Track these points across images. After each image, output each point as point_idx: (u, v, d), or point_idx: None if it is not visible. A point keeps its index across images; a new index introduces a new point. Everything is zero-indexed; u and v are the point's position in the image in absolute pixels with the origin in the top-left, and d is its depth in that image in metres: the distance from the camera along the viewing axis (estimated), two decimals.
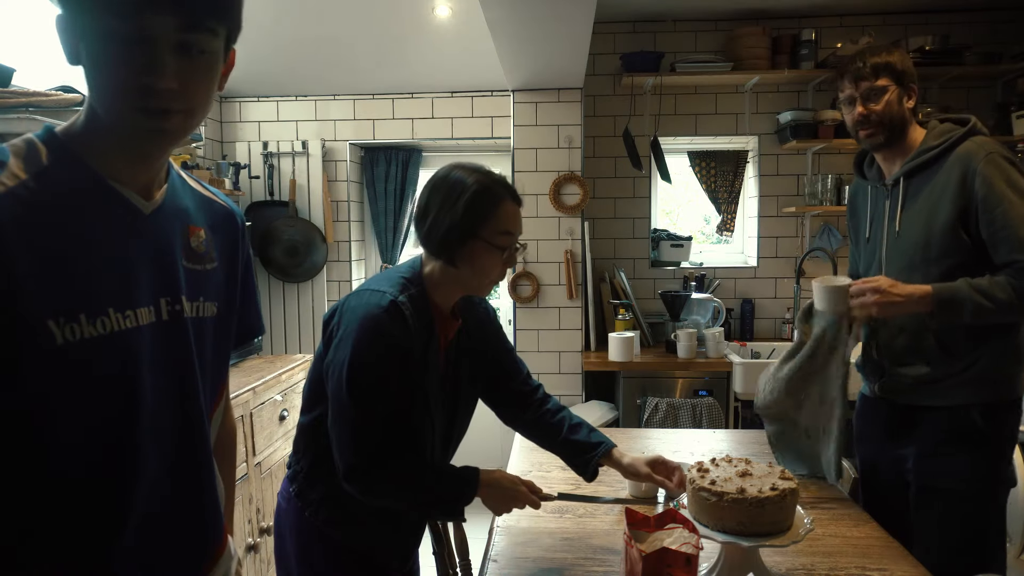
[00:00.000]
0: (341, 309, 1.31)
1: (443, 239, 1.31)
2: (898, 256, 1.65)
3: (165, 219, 0.84)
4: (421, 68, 3.29)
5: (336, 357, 1.25)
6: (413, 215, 1.78)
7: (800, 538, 1.17)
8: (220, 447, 1.03)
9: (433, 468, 1.34)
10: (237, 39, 0.81)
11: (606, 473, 1.79)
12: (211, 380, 0.93)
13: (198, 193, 0.94)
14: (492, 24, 2.27)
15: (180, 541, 0.87)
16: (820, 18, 3.45)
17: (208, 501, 0.92)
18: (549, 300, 3.32)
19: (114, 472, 0.79)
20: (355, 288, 1.53)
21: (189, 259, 0.87)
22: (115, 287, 0.77)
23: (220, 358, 0.97)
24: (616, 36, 3.52)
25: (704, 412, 2.91)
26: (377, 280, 1.35)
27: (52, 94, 1.97)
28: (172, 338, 0.84)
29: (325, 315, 1.35)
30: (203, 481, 0.91)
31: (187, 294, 0.86)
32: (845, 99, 1.67)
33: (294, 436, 1.41)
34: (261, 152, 3.44)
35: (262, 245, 3.38)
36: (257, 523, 2.51)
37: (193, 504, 0.89)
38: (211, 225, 0.93)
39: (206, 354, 0.90)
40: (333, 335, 1.29)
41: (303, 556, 1.34)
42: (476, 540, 1.79)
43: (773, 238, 3.59)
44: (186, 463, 0.87)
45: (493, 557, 1.35)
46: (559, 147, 3.27)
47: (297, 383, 2.93)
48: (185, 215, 0.88)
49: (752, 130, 3.54)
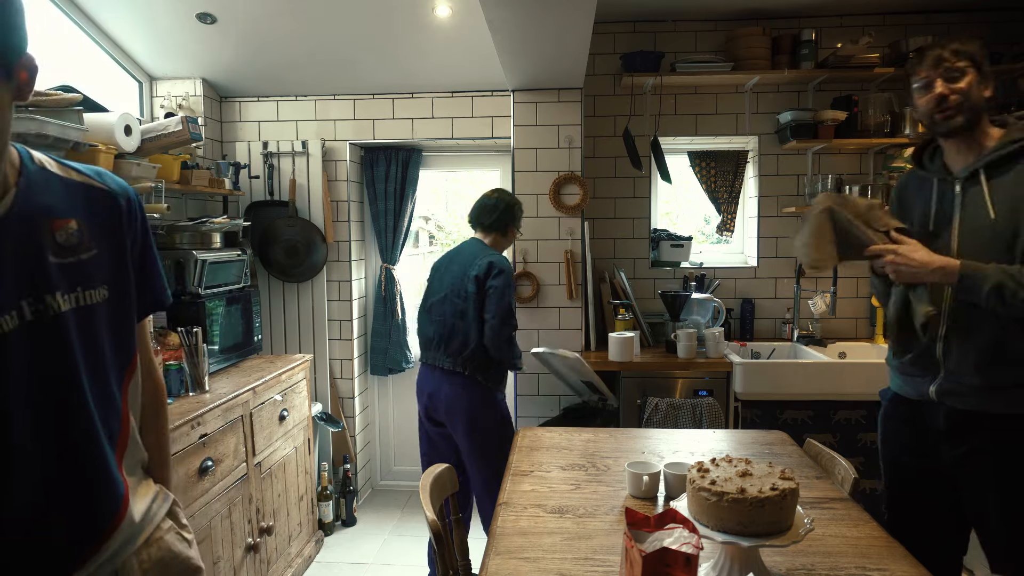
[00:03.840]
0: (496, 263, 2.53)
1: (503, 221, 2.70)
2: (977, 248, 1.57)
3: (18, 221, 0.87)
4: (421, 68, 3.29)
5: (496, 280, 2.50)
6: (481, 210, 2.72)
7: (800, 538, 1.17)
8: (146, 410, 1.13)
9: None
10: (21, 54, 0.83)
11: (605, 473, 1.79)
12: (116, 357, 0.99)
13: (70, 181, 0.96)
14: (492, 24, 2.27)
15: (69, 519, 0.92)
16: (820, 18, 3.46)
17: (96, 479, 0.95)
18: (549, 300, 3.32)
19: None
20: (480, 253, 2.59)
21: (57, 254, 0.90)
22: None
23: (123, 333, 1.01)
24: (616, 36, 3.52)
25: (704, 412, 2.91)
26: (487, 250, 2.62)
27: (52, 94, 1.97)
28: (43, 336, 0.87)
29: (480, 271, 2.52)
30: (91, 458, 0.94)
31: (62, 288, 0.90)
32: (921, 84, 1.62)
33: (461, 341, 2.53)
34: (261, 152, 3.44)
35: (262, 245, 3.38)
36: (257, 523, 2.51)
37: (80, 485, 0.93)
38: (91, 211, 0.96)
39: (100, 335, 0.95)
40: (491, 273, 2.52)
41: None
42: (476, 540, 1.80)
43: (773, 238, 3.59)
44: (67, 444, 0.91)
45: (493, 557, 1.35)
46: (559, 147, 3.27)
47: (297, 383, 2.93)
48: (48, 211, 0.91)
49: (752, 130, 3.54)
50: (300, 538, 2.95)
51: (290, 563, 2.81)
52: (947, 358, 1.63)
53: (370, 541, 3.27)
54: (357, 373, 3.65)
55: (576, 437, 2.13)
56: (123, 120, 2.29)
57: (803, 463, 1.87)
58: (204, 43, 3.10)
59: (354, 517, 3.48)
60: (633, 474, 1.63)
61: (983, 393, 1.57)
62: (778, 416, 2.90)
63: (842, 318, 3.57)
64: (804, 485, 1.68)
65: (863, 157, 3.51)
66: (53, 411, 0.89)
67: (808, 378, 2.90)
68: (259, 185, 3.45)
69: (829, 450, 1.89)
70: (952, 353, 1.62)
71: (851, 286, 3.56)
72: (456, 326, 2.55)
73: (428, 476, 1.65)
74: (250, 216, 3.40)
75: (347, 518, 3.46)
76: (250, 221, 3.32)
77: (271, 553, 2.63)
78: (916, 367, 1.70)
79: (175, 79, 3.32)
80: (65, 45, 2.84)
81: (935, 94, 1.59)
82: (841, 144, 3.34)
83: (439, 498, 1.65)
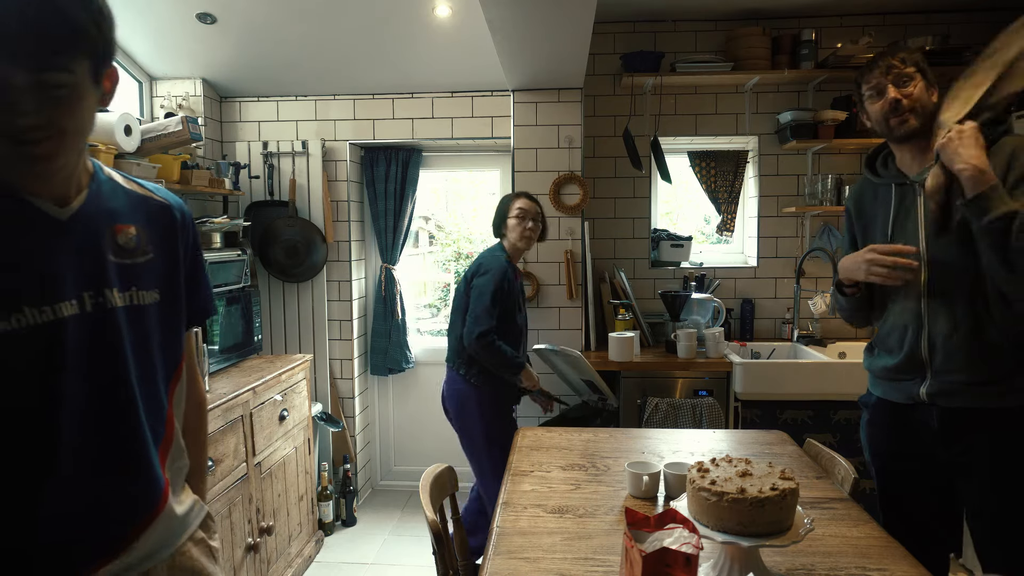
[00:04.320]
0: (483, 262, 2.67)
1: (498, 225, 2.78)
2: (945, 247, 1.58)
3: (86, 221, 0.96)
4: (421, 68, 3.29)
5: (479, 280, 2.60)
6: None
7: (800, 538, 1.17)
8: (189, 421, 1.17)
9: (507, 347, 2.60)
10: (111, 61, 0.93)
11: (605, 473, 1.79)
12: (163, 358, 1.05)
13: (133, 193, 1.06)
14: (492, 24, 2.27)
15: (105, 505, 0.96)
16: (820, 18, 3.46)
17: (139, 470, 1.00)
18: (549, 300, 3.32)
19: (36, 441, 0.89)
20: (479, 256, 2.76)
21: (118, 254, 0.99)
22: (31, 287, 0.88)
23: (171, 338, 1.08)
24: (616, 36, 3.52)
25: (704, 412, 2.91)
26: (490, 251, 2.74)
27: None
28: (99, 326, 0.94)
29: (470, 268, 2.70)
30: (135, 450, 0.99)
31: (118, 285, 0.98)
32: (872, 91, 1.65)
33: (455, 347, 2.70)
34: (261, 152, 3.44)
35: (262, 245, 3.38)
36: (257, 523, 2.51)
37: (123, 473, 0.98)
38: (149, 220, 1.05)
39: (150, 335, 1.02)
40: (477, 272, 2.63)
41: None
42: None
43: (773, 238, 3.59)
44: (114, 433, 0.96)
45: (493, 557, 1.35)
46: (559, 147, 3.27)
47: (297, 383, 2.93)
48: (112, 215, 1.00)
49: (752, 130, 3.54)
50: (300, 538, 2.95)
51: (290, 563, 2.81)
52: (933, 358, 1.61)
53: (370, 541, 3.28)
54: (357, 373, 3.65)
55: (576, 437, 2.13)
56: (123, 120, 2.29)
57: (803, 463, 1.87)
58: (204, 43, 3.10)
59: (354, 517, 3.48)
60: (633, 474, 1.63)
61: (974, 389, 1.57)
62: (778, 416, 2.90)
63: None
64: (804, 485, 1.68)
65: (863, 157, 3.50)
66: (103, 400, 0.95)
67: (808, 378, 2.90)
68: (259, 185, 3.45)
69: (829, 450, 1.89)
70: (937, 352, 1.60)
71: None
72: (454, 322, 2.72)
73: (428, 476, 1.65)
74: (250, 216, 3.40)
75: (347, 518, 3.46)
76: (250, 221, 3.32)
77: (271, 553, 2.63)
78: (902, 372, 1.67)
79: (175, 79, 3.32)
80: None
81: (889, 99, 1.62)
82: (841, 144, 3.34)
83: (439, 498, 1.65)
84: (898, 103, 1.61)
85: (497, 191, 3.86)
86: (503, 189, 3.78)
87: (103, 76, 0.92)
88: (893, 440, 1.74)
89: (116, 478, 0.97)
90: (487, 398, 2.67)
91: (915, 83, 1.63)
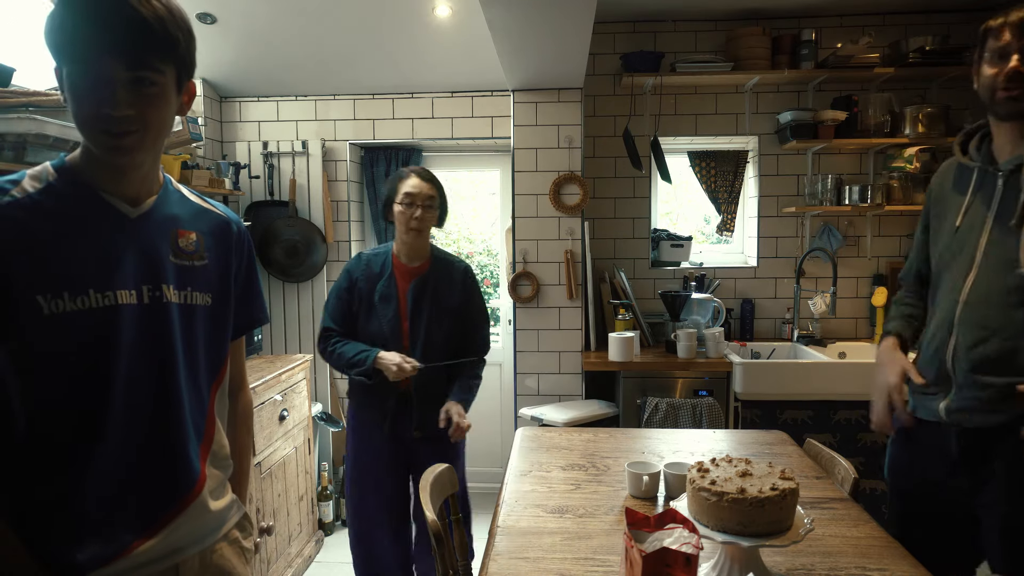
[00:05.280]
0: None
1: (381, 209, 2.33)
2: (1005, 254, 1.41)
3: (153, 222, 1.06)
4: (421, 68, 3.29)
5: None
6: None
7: (800, 538, 1.17)
8: (237, 426, 1.27)
9: (352, 346, 2.21)
10: (191, 76, 1.04)
11: (605, 473, 1.80)
12: (208, 359, 1.12)
13: (197, 205, 1.16)
14: (492, 24, 2.27)
15: (142, 482, 1.02)
16: (820, 18, 3.46)
17: (176, 456, 1.06)
18: (549, 300, 3.32)
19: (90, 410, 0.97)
20: None
21: (177, 256, 1.08)
22: (97, 273, 0.98)
23: (217, 341, 1.15)
24: (616, 36, 3.52)
25: (704, 412, 2.91)
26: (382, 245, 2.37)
27: (52, 94, 1.97)
28: (153, 318, 1.03)
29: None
30: (175, 439, 1.06)
31: (175, 284, 1.06)
32: (995, 51, 1.40)
33: None
34: (261, 152, 3.44)
35: (262, 245, 3.38)
36: (256, 523, 2.51)
37: (162, 459, 1.05)
38: (208, 230, 1.15)
39: (198, 335, 1.10)
40: None
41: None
42: (477, 540, 1.80)
43: (773, 238, 3.59)
44: (159, 418, 1.04)
45: (493, 557, 1.35)
46: (559, 147, 3.27)
47: (297, 383, 2.93)
48: (175, 221, 1.09)
49: (752, 130, 3.54)
50: (300, 538, 2.95)
51: (290, 563, 2.81)
52: (956, 368, 1.46)
53: None
54: None
55: (576, 437, 2.13)
56: None
57: (803, 463, 1.87)
58: (204, 43, 3.08)
59: None
60: (633, 474, 1.63)
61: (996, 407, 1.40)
62: (778, 416, 2.90)
63: (842, 318, 3.57)
64: (804, 485, 1.68)
65: (863, 157, 3.51)
66: (150, 383, 1.02)
67: (808, 378, 2.90)
68: (259, 185, 3.45)
69: (829, 450, 1.89)
70: (960, 362, 1.45)
71: (851, 286, 3.56)
72: None
73: (428, 476, 1.65)
74: (250, 216, 3.40)
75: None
76: (250, 221, 3.32)
77: (271, 553, 2.63)
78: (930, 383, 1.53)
79: None
80: None
81: (1009, 68, 1.37)
82: (841, 144, 3.34)
83: (439, 498, 1.65)
84: (1018, 75, 1.36)
85: (497, 191, 3.86)
86: (503, 189, 3.78)
87: (184, 88, 1.04)
88: (916, 463, 1.60)
89: (155, 459, 1.03)
90: (355, 415, 2.33)
91: None
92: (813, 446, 1.98)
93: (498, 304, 3.93)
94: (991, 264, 1.44)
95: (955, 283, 1.50)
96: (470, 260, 4.56)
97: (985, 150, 1.51)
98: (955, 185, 1.56)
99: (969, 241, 1.48)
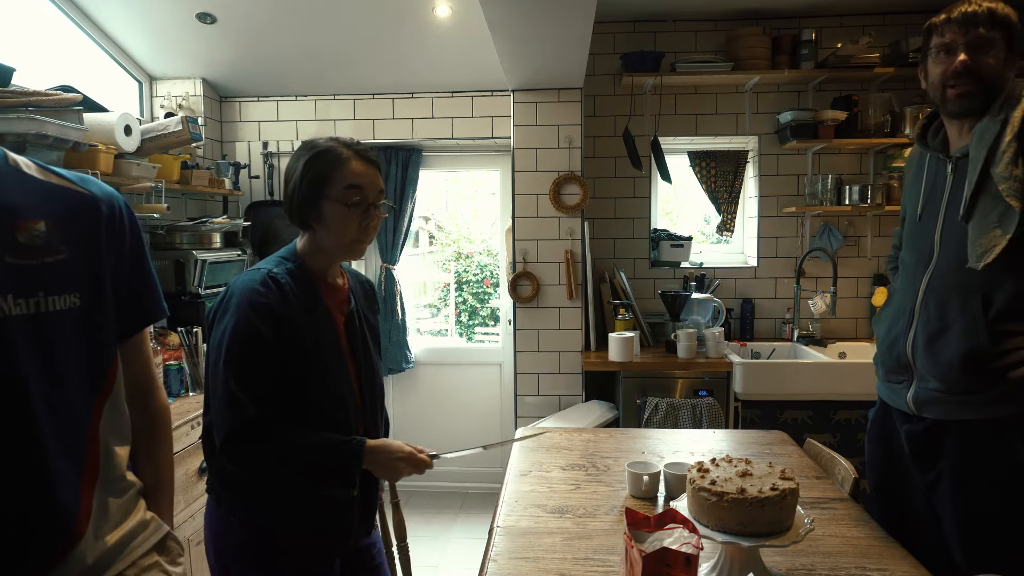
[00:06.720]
0: (227, 291, 1.32)
1: (296, 205, 1.37)
2: (959, 238, 1.39)
3: None
4: (421, 68, 3.29)
5: (216, 332, 1.28)
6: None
7: (800, 538, 1.17)
8: (142, 435, 1.06)
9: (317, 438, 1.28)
10: None
11: (605, 473, 1.79)
12: (83, 370, 0.93)
13: (46, 184, 0.93)
14: (492, 24, 2.27)
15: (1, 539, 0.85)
16: (820, 18, 3.46)
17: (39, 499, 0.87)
18: (549, 300, 3.32)
19: None
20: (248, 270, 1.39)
21: (17, 255, 0.86)
22: None
23: (95, 347, 0.95)
24: (616, 36, 3.52)
25: (704, 412, 2.91)
26: (262, 261, 1.39)
27: (52, 94, 1.97)
28: None
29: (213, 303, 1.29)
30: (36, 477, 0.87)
31: (14, 292, 0.85)
32: (941, 46, 1.38)
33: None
34: (261, 152, 3.44)
35: (262, 245, 3.38)
36: None
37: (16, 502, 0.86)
38: (63, 214, 0.91)
39: (61, 345, 0.89)
40: (217, 315, 1.30)
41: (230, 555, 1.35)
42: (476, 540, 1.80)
43: (773, 238, 3.59)
44: (8, 457, 0.85)
45: (493, 557, 1.35)
46: (559, 147, 3.27)
47: None
48: (10, 211, 0.87)
49: (752, 130, 3.54)
50: None
51: None
52: (916, 359, 1.45)
53: None
54: None
55: (576, 437, 2.13)
56: (123, 120, 2.29)
57: (803, 463, 1.87)
58: (204, 43, 3.10)
59: None
60: (633, 474, 1.63)
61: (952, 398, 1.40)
62: (778, 416, 2.90)
63: (842, 318, 3.57)
64: (804, 485, 1.68)
65: (863, 157, 3.51)
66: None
67: (808, 378, 2.90)
68: (259, 185, 3.45)
69: (829, 450, 1.89)
70: (919, 352, 1.44)
71: (851, 286, 3.56)
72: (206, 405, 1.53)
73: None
74: (250, 216, 3.40)
75: None
76: (250, 221, 3.32)
77: None
78: (894, 372, 1.51)
79: (175, 79, 3.32)
80: (65, 45, 2.84)
81: (957, 63, 1.35)
82: (841, 144, 3.34)
83: None
84: (966, 69, 1.34)
85: (497, 191, 3.86)
86: (503, 189, 3.78)
87: None
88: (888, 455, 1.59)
89: (10, 507, 0.85)
90: (264, 552, 1.34)
91: (996, 52, 1.34)
92: (813, 446, 1.98)
93: (498, 304, 3.93)
94: (949, 255, 1.43)
95: (915, 272, 1.50)
96: (470, 260, 4.57)
97: (942, 137, 1.51)
98: (916, 173, 1.57)
99: (927, 230, 1.48)
